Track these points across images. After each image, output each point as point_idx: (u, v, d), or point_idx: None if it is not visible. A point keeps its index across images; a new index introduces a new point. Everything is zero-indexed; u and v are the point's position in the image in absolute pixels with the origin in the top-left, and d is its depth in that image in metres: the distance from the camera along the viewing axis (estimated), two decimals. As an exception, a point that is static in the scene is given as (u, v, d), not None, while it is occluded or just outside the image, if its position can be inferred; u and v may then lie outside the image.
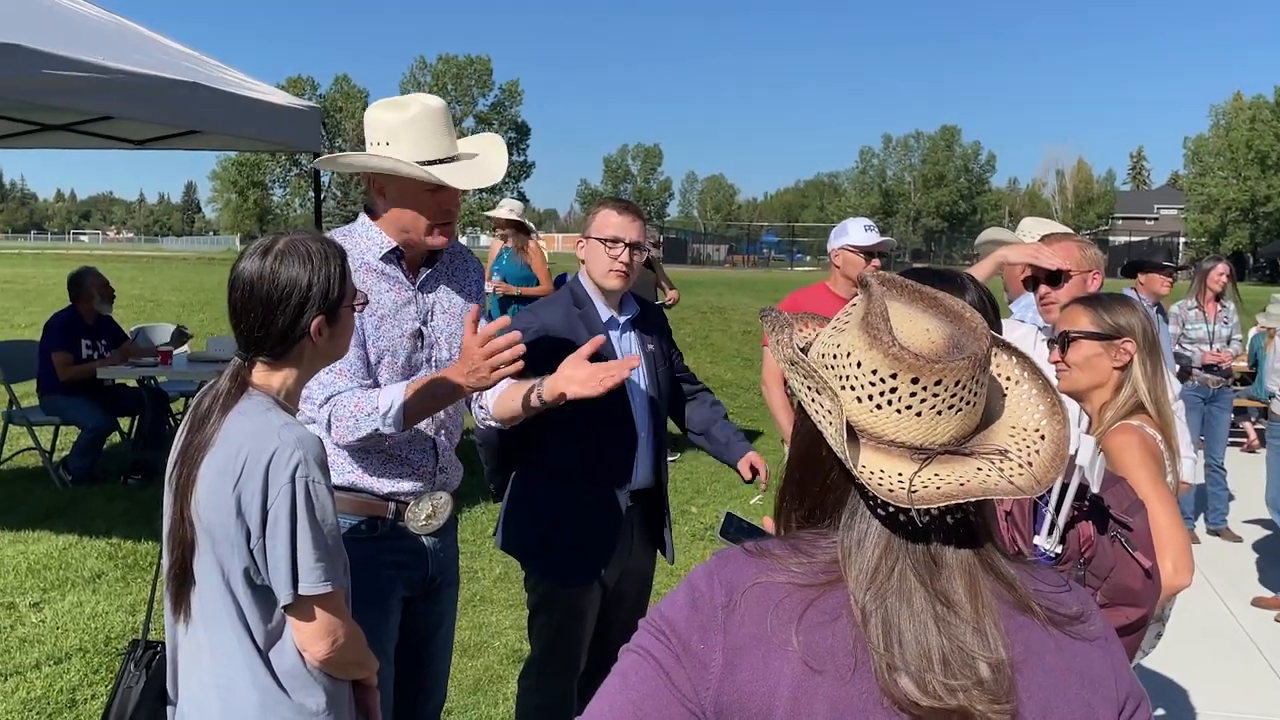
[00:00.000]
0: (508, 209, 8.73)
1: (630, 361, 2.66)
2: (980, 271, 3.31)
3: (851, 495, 1.17)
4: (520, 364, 2.47)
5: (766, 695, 1.09)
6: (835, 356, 1.17)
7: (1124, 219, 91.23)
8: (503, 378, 2.51)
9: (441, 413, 2.75)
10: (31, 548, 6.09)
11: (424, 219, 2.66)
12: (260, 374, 2.09)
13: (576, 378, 2.62)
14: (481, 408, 2.89)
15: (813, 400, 1.16)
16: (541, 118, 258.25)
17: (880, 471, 1.11)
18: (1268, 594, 6.22)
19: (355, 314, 2.23)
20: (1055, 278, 3.27)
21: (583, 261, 3.34)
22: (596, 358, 3.22)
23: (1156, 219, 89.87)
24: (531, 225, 8.91)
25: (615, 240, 3.25)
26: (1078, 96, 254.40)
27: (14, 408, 7.64)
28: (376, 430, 2.52)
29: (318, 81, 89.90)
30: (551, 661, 3.33)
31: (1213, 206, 69.63)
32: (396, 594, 2.73)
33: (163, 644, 2.26)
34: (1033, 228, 4.10)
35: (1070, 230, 3.93)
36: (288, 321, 2.05)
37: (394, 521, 2.70)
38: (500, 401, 2.80)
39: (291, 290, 2.05)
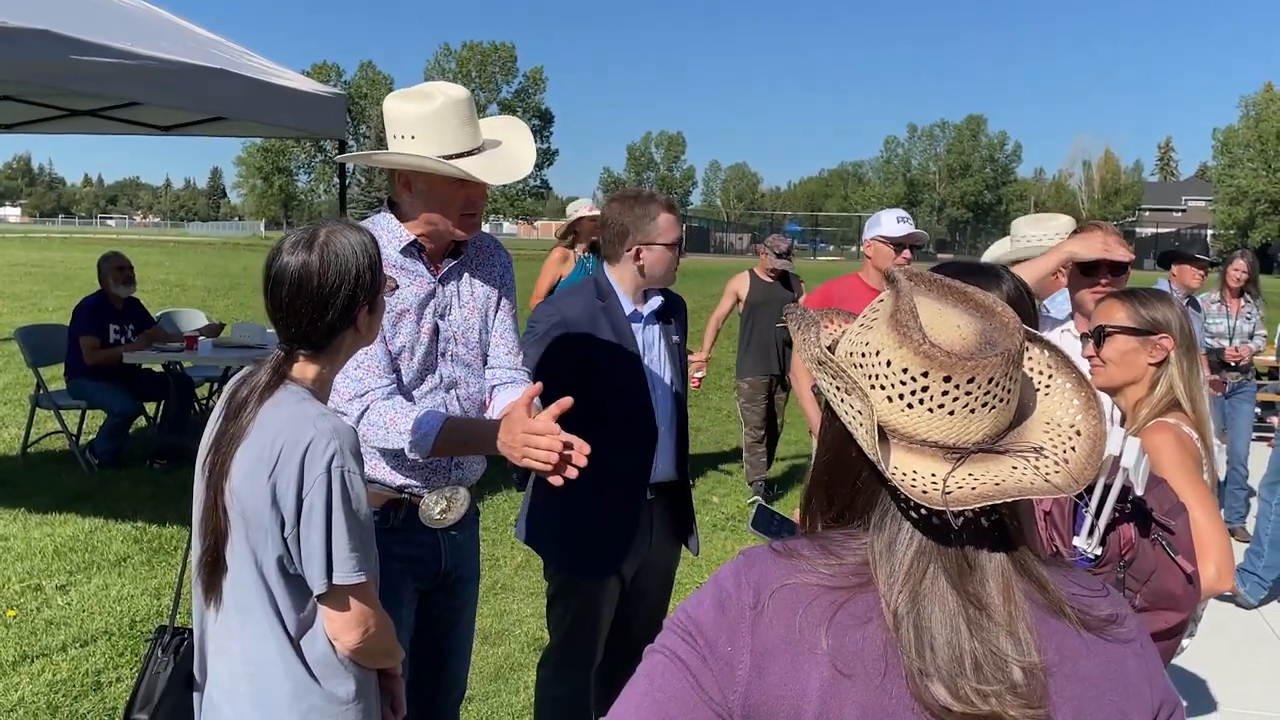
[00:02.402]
0: (588, 207, 7.19)
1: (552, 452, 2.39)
2: (1039, 269, 3.23)
3: (882, 496, 1.15)
4: (553, 462, 2.37)
5: (795, 699, 1.08)
6: (864, 355, 1.14)
7: (1151, 210, 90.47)
8: (531, 468, 2.44)
9: (458, 408, 2.74)
10: (58, 530, 6.15)
11: (452, 213, 2.64)
12: (299, 366, 2.09)
13: (506, 441, 2.46)
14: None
15: (842, 400, 1.14)
16: (565, 105, 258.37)
17: (913, 473, 1.09)
18: None
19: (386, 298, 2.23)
20: (1120, 267, 3.24)
21: (641, 267, 3.27)
22: (618, 349, 3.21)
23: (1184, 210, 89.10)
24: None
25: (676, 243, 3.28)
26: (1105, 87, 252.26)
27: (41, 391, 7.69)
28: (402, 448, 2.53)
29: (343, 68, 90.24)
30: (569, 652, 3.33)
31: (1241, 198, 68.87)
32: (408, 587, 2.72)
33: (190, 630, 2.27)
34: (1026, 229, 4.06)
35: (1068, 219, 3.92)
36: (337, 315, 2.05)
37: (407, 514, 2.69)
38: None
39: (341, 284, 2.04)
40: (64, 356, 7.76)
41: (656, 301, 3.37)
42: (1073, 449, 1.13)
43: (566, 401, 2.42)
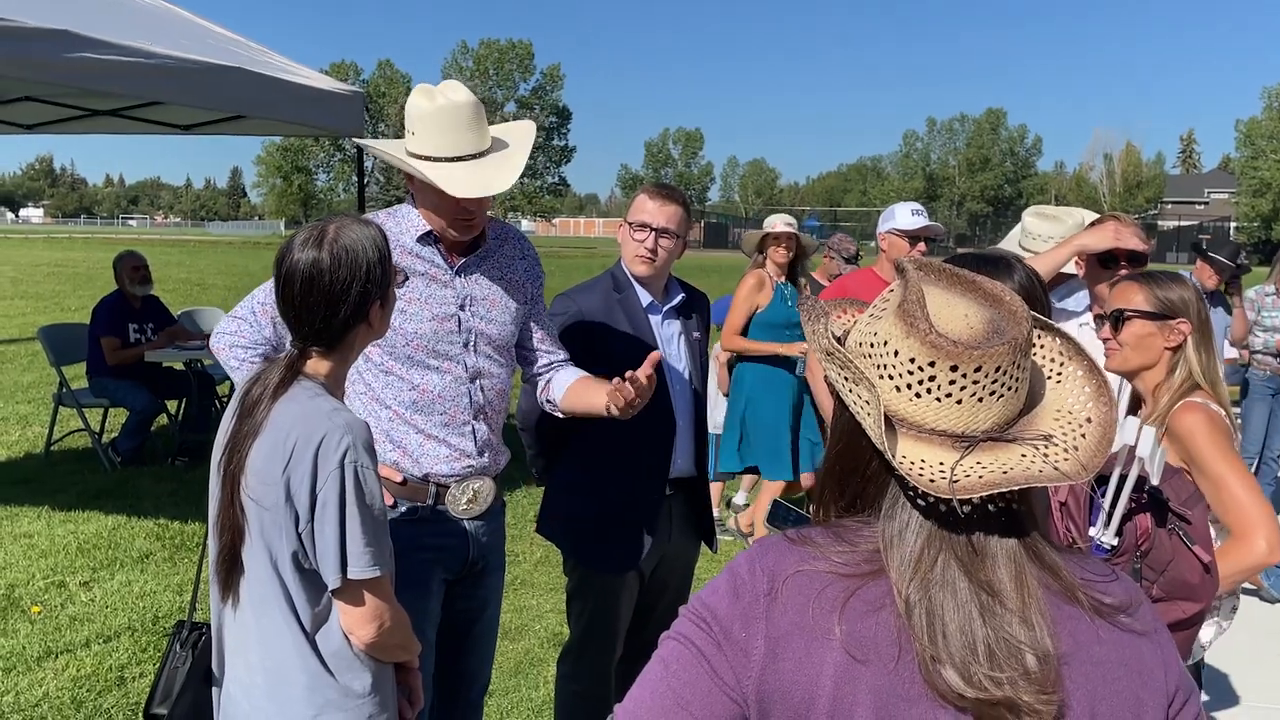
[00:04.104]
0: (784, 222, 6.11)
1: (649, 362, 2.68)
2: (1051, 261, 3.22)
3: (892, 484, 1.15)
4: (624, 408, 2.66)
5: (809, 684, 1.08)
6: (872, 345, 1.15)
7: (1173, 203, 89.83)
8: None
9: (480, 398, 2.75)
10: (81, 528, 6.20)
11: (444, 211, 2.65)
12: (312, 363, 2.10)
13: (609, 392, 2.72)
14: (549, 401, 2.95)
15: (850, 390, 1.15)
16: (583, 102, 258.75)
17: (921, 461, 1.09)
18: None
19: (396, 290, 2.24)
20: (1138, 258, 3.22)
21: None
22: (635, 342, 3.21)
23: (1207, 203, 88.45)
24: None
25: (643, 226, 3.22)
26: (1127, 79, 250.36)
27: (64, 390, 7.76)
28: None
29: (361, 67, 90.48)
30: (589, 647, 3.33)
31: (1265, 190, 68.33)
32: (436, 577, 2.74)
33: (208, 625, 2.28)
34: (1039, 226, 4.01)
35: (1087, 213, 3.87)
36: (350, 311, 2.06)
37: (434, 504, 2.71)
38: (572, 399, 2.87)
39: (353, 280, 2.04)
40: (86, 355, 7.82)
41: (678, 296, 3.37)
42: (1083, 436, 1.13)
43: (656, 355, 2.69)
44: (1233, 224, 68.95)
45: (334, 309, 2.04)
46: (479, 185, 2.59)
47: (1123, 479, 1.86)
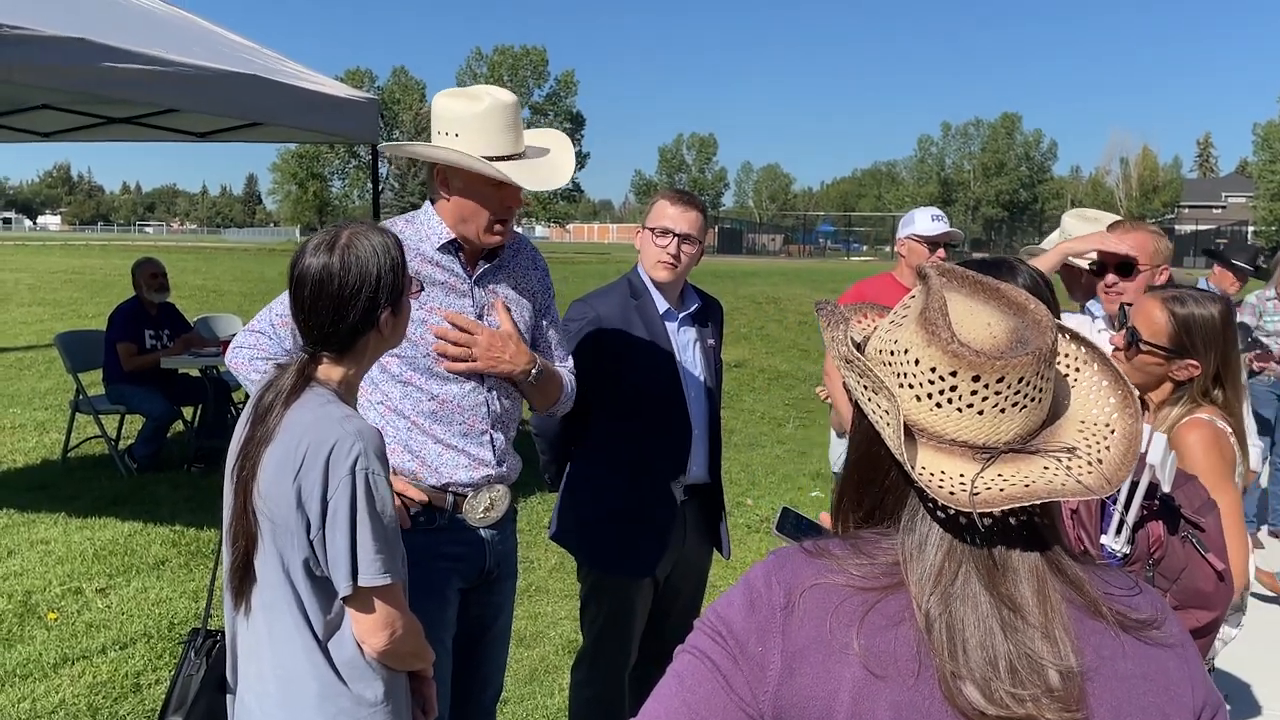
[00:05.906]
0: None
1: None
2: (1043, 264, 3.25)
3: (912, 496, 1.13)
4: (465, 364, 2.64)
5: (827, 700, 1.07)
6: (893, 353, 1.13)
7: (1190, 207, 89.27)
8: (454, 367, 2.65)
9: (498, 406, 2.75)
10: (97, 534, 6.22)
11: (485, 214, 2.64)
12: (324, 368, 2.10)
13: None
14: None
15: (869, 399, 1.13)
16: (597, 108, 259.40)
17: (941, 473, 1.08)
18: None
19: (411, 299, 2.24)
20: (1127, 268, 3.19)
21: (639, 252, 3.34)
22: (652, 347, 3.22)
23: (1224, 207, 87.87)
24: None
25: (665, 231, 3.23)
26: (1143, 83, 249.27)
27: (81, 396, 7.79)
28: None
29: (375, 74, 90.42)
30: (603, 653, 3.33)
31: (1283, 194, 67.81)
32: (453, 585, 2.74)
33: (222, 633, 2.29)
34: (1074, 226, 3.99)
35: (1117, 218, 3.82)
36: (358, 317, 2.06)
37: (452, 513, 2.71)
38: None
39: (362, 286, 2.05)
40: (102, 362, 7.86)
41: (694, 303, 3.37)
42: (1107, 448, 1.11)
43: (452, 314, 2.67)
44: (1250, 228, 68.38)
45: (342, 314, 2.04)
46: (542, 179, 2.63)
47: (1134, 486, 1.85)
